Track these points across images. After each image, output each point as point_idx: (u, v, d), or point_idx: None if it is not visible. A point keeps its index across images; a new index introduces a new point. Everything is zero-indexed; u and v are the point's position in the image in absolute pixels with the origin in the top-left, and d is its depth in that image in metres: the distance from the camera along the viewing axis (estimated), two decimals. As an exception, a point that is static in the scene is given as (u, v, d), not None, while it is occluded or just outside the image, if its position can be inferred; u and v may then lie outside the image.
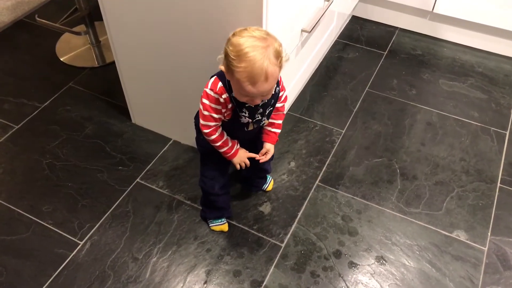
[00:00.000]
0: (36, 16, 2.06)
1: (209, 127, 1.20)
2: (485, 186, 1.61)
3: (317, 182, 1.61)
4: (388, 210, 1.54)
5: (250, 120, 1.20)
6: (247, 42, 1.02)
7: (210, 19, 1.26)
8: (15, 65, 2.06)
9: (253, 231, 1.47)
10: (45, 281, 1.35)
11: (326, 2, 1.59)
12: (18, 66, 2.05)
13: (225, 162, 1.31)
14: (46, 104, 1.87)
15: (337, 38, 2.20)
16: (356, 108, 1.88)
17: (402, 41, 2.20)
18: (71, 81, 1.97)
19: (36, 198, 1.55)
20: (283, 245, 1.44)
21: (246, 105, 1.15)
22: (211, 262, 1.40)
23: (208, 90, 1.15)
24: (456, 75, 2.03)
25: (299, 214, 1.52)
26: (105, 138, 1.74)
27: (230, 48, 1.03)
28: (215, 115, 1.17)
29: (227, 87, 1.13)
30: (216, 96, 1.14)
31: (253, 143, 1.32)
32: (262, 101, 1.14)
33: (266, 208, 1.54)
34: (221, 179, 1.37)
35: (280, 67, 1.07)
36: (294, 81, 1.66)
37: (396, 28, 2.27)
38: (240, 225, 1.49)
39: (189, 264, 1.39)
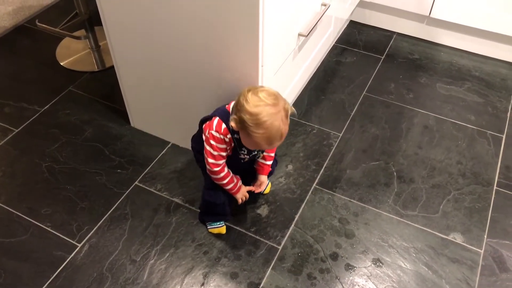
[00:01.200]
0: (37, 21, 2.08)
1: (219, 165, 1.28)
2: (482, 189, 1.62)
3: (314, 185, 1.62)
4: (385, 213, 1.55)
5: (248, 156, 1.31)
6: (264, 111, 1.12)
7: (207, 22, 1.27)
8: (15, 69, 2.08)
9: (250, 234, 1.48)
10: (43, 283, 1.36)
11: (323, 7, 1.61)
12: (19, 70, 2.07)
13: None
14: (46, 107, 1.89)
15: (335, 42, 2.22)
16: (353, 112, 1.89)
17: (399, 45, 2.22)
18: (71, 85, 1.99)
19: (35, 200, 1.57)
20: (280, 247, 1.45)
21: None
22: (208, 264, 1.41)
23: (214, 132, 1.23)
24: (453, 79, 2.04)
25: (296, 216, 1.53)
26: (104, 141, 1.75)
27: (247, 116, 1.12)
28: (223, 153, 1.26)
29: (230, 129, 1.22)
30: (222, 137, 1.23)
31: (247, 170, 1.42)
32: None
33: (263, 210, 1.55)
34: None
35: (288, 121, 1.19)
36: (291, 85, 1.68)
37: (394, 32, 2.28)
38: (237, 228, 1.50)
39: (187, 266, 1.40)
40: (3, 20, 2.31)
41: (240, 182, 1.37)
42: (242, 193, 1.39)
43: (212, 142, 1.24)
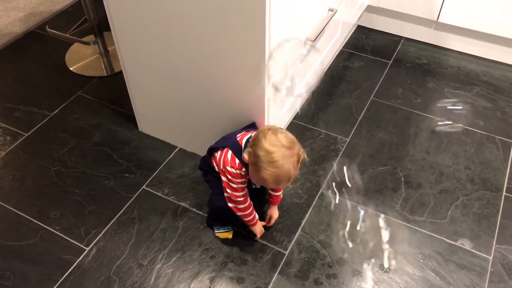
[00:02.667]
0: (47, 26, 2.11)
1: (241, 196, 1.31)
2: (490, 194, 1.61)
3: (321, 190, 1.62)
4: (392, 218, 1.54)
5: (259, 186, 1.34)
6: (279, 152, 1.16)
7: (214, 26, 1.28)
8: (26, 74, 2.10)
9: (257, 239, 1.48)
10: (51, 286, 1.37)
11: (330, 12, 1.61)
12: (29, 75, 2.10)
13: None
14: (55, 112, 1.91)
15: (343, 47, 2.22)
16: (361, 117, 1.89)
17: (407, 50, 2.21)
18: (80, 90, 2.01)
19: (44, 204, 1.58)
20: (287, 252, 1.45)
21: None
22: (215, 268, 1.41)
23: (229, 168, 1.27)
24: (461, 84, 2.03)
25: (303, 221, 1.53)
26: (112, 145, 1.77)
27: (262, 153, 1.16)
28: (242, 186, 1.30)
29: (243, 163, 1.26)
30: (238, 171, 1.27)
31: (256, 193, 1.43)
32: None
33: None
34: None
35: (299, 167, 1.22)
36: (298, 90, 1.68)
37: (401, 37, 2.28)
38: (244, 232, 1.50)
39: (193, 270, 1.40)
40: (14, 26, 2.34)
41: (257, 216, 1.40)
42: (259, 227, 1.43)
43: (230, 177, 1.28)
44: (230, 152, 1.27)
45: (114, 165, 1.70)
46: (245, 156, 1.22)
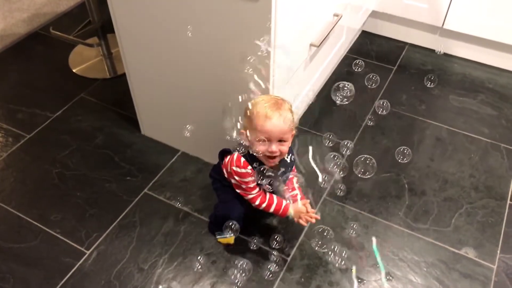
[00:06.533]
0: (51, 28, 2.10)
1: (251, 194, 1.31)
2: (495, 203, 1.59)
3: (324, 196, 1.61)
4: (395, 226, 1.53)
5: (270, 187, 1.29)
6: (260, 97, 1.24)
7: (218, 31, 1.27)
8: (29, 75, 2.10)
9: (259, 244, 1.47)
10: (51, 289, 1.36)
11: (335, 17, 1.60)
12: (32, 77, 2.09)
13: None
14: (58, 114, 1.90)
15: (347, 52, 2.21)
16: (364, 123, 1.88)
17: (412, 56, 2.20)
18: (82, 92, 2.00)
19: (45, 206, 1.57)
20: (289, 258, 1.44)
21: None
22: (216, 274, 1.39)
23: (235, 168, 1.27)
24: (466, 91, 2.02)
25: (306, 227, 1.52)
26: (114, 148, 1.76)
27: (248, 105, 1.22)
28: (250, 185, 1.29)
29: (249, 160, 1.26)
30: (244, 170, 1.27)
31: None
32: (281, 168, 1.28)
33: (272, 221, 1.54)
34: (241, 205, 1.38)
35: (292, 114, 1.23)
36: (303, 95, 1.67)
37: (406, 43, 2.27)
38: (246, 238, 1.48)
39: (194, 276, 1.39)
40: (18, 27, 2.34)
41: (285, 202, 1.34)
42: (296, 211, 1.32)
43: (237, 177, 1.29)
44: (236, 153, 1.28)
45: (116, 168, 1.69)
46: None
